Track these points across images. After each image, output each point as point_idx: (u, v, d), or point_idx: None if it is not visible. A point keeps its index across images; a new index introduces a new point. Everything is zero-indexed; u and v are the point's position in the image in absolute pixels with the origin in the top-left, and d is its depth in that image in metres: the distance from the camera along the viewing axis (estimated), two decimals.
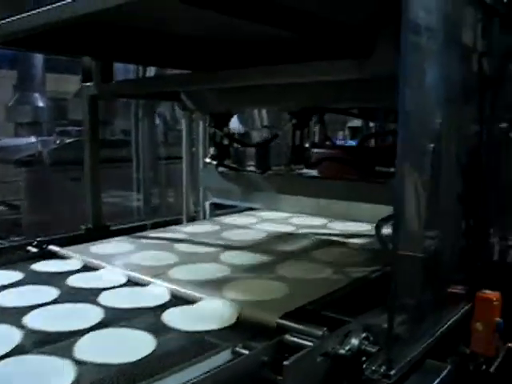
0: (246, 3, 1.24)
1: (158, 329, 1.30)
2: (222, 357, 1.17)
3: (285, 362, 1.03)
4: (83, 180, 2.41)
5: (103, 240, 2.20)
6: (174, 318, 1.37)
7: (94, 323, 1.33)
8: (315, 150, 2.22)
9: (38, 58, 8.79)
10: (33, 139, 8.00)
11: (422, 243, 1.24)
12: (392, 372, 1.04)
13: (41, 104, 9.35)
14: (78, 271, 1.81)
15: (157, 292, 1.55)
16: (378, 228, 1.71)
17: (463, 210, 1.52)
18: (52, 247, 2.08)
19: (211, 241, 2.18)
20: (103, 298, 1.51)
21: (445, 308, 1.38)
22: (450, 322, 1.34)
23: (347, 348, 1.15)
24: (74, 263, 1.88)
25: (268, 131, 6.89)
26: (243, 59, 1.86)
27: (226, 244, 2.14)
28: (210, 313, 1.39)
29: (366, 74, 1.47)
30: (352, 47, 1.61)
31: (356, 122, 7.86)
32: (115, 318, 1.38)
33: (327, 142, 2.69)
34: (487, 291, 1.49)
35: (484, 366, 1.63)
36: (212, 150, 2.54)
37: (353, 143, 5.73)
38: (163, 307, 1.44)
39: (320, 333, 1.21)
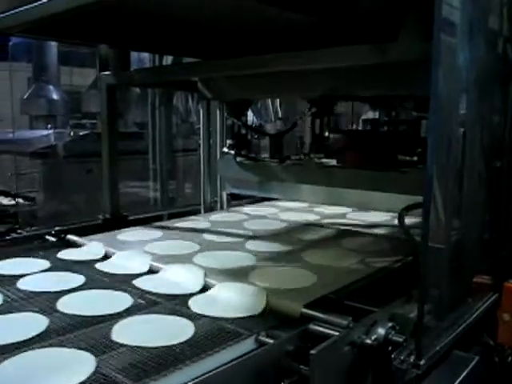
0: None
1: (185, 316, 1.30)
2: (246, 345, 1.16)
3: (311, 351, 1.01)
4: (98, 171, 2.40)
5: (123, 229, 2.20)
6: (199, 305, 1.36)
7: (123, 309, 1.34)
8: (332, 136, 2.18)
9: (53, 51, 8.82)
10: (47, 132, 8.04)
11: (449, 233, 1.21)
12: (421, 362, 1.02)
13: (55, 97, 9.39)
14: (102, 259, 1.80)
15: (182, 279, 1.54)
16: (400, 217, 1.68)
17: (490, 199, 1.48)
18: (71, 236, 2.07)
19: (234, 230, 2.17)
20: (131, 285, 1.52)
21: (472, 298, 1.35)
22: (477, 312, 1.31)
23: (373, 338, 1.13)
24: (95, 251, 1.87)
25: (282, 123, 6.86)
26: (260, 46, 1.83)
27: (249, 233, 2.12)
28: (235, 301, 1.37)
29: (392, 58, 1.43)
30: (374, 31, 1.58)
31: (370, 114, 7.77)
32: (143, 304, 1.38)
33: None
34: None
35: (510, 358, 1.61)
36: (230, 140, 2.51)
37: None
38: (189, 295, 1.44)
39: (345, 322, 1.19)
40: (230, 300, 1.38)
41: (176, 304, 1.38)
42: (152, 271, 1.66)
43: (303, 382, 1.06)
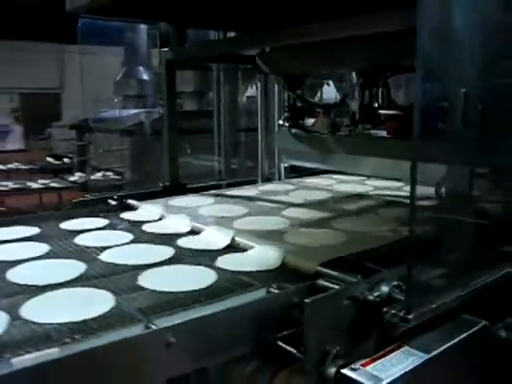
0: None
1: (210, 267, 1.42)
2: (257, 294, 1.24)
3: (306, 300, 1.08)
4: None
5: (178, 196, 2.34)
6: (225, 260, 1.47)
7: (159, 260, 1.48)
8: (382, 112, 2.17)
9: (142, 34, 9.20)
10: (138, 111, 8.46)
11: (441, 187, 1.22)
12: (410, 316, 1.05)
13: (145, 77, 9.83)
14: (152, 221, 1.96)
15: (216, 239, 1.65)
16: (437, 186, 1.67)
17: None
18: (130, 201, 2.25)
19: (279, 198, 2.25)
20: (171, 242, 1.66)
21: (486, 265, 1.33)
22: (489, 280, 1.29)
23: (376, 294, 1.16)
24: (149, 214, 2.03)
25: None
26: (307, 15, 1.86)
27: (291, 201, 2.19)
28: (256, 258, 1.46)
29: None
30: None
31: None
32: (178, 256, 1.53)
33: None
34: None
35: None
36: (286, 113, 2.57)
37: None
38: (220, 251, 1.56)
39: (354, 280, 1.24)
40: (252, 256, 1.47)
41: (203, 258, 1.50)
42: (191, 232, 1.78)
43: None
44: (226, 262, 1.46)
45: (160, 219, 1.97)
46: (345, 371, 1.02)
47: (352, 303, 1.15)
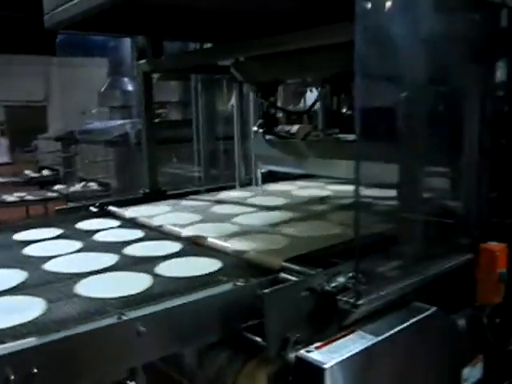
0: None
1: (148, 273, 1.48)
2: (224, 288, 1.33)
3: (264, 291, 1.17)
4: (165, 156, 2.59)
5: (153, 202, 2.44)
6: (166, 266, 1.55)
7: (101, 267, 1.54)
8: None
9: (127, 45, 9.27)
10: (123, 121, 8.53)
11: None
12: (359, 302, 1.15)
13: (130, 88, 9.90)
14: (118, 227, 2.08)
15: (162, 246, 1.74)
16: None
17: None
18: (110, 207, 2.34)
19: (234, 205, 2.34)
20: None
21: (438, 255, 1.44)
22: (442, 268, 1.40)
23: (333, 285, 1.26)
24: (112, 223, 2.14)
25: None
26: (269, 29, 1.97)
27: (248, 207, 2.29)
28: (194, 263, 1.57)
29: None
30: None
31: None
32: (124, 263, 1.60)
33: None
34: (492, 243, 1.53)
35: (498, 320, 1.68)
36: (260, 120, 2.67)
37: None
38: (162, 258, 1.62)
39: (314, 272, 1.34)
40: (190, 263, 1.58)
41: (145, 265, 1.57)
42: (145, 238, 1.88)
43: None
44: (166, 268, 1.52)
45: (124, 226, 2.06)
46: (300, 353, 1.11)
47: (311, 294, 1.25)
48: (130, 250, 1.71)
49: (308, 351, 1.11)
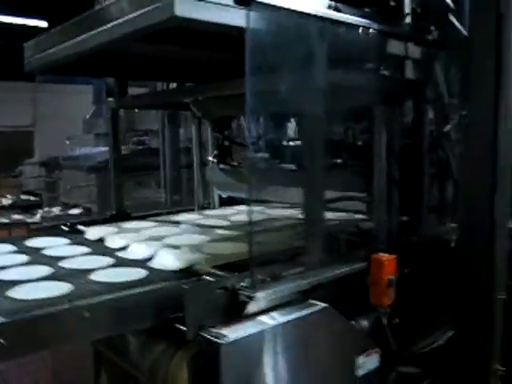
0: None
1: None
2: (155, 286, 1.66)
3: (184, 286, 1.51)
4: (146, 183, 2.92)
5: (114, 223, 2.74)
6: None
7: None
8: None
9: None
10: (105, 148, 8.85)
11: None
12: (253, 295, 1.49)
13: None
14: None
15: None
16: None
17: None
18: (79, 226, 2.66)
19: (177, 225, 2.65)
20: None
21: (334, 263, 1.79)
22: (335, 273, 1.75)
23: (242, 284, 1.60)
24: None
25: None
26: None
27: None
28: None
29: None
30: None
31: None
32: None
33: None
34: (382, 254, 1.87)
35: (396, 320, 2.02)
36: (215, 151, 3.04)
37: None
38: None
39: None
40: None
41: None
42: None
43: None
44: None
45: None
46: (203, 333, 1.44)
47: (224, 291, 1.58)
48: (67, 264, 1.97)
49: (211, 332, 1.44)
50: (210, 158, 3.05)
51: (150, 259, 1.95)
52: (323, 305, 1.65)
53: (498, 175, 1.91)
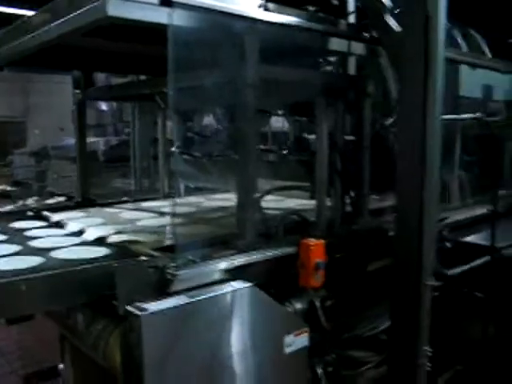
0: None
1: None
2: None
3: (116, 265, 1.64)
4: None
5: (83, 209, 2.89)
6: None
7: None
8: None
9: None
10: (96, 139, 8.98)
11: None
12: (176, 273, 1.62)
13: (104, 108, 10.43)
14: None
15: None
16: None
17: None
18: (45, 212, 2.80)
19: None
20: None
21: (264, 247, 1.93)
22: (264, 255, 1.89)
23: (173, 265, 1.73)
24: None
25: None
26: None
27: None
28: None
29: None
30: None
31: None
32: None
33: None
34: (311, 239, 2.00)
35: (329, 302, 2.16)
36: (177, 142, 3.17)
37: None
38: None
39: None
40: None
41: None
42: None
43: None
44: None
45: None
46: (128, 307, 1.57)
47: (155, 270, 1.71)
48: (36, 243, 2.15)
49: (135, 305, 1.57)
50: (173, 149, 3.18)
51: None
52: (247, 284, 1.78)
53: (427, 166, 2.02)
